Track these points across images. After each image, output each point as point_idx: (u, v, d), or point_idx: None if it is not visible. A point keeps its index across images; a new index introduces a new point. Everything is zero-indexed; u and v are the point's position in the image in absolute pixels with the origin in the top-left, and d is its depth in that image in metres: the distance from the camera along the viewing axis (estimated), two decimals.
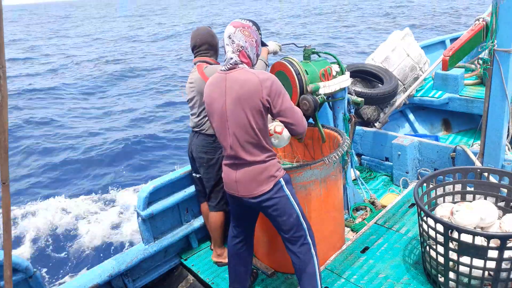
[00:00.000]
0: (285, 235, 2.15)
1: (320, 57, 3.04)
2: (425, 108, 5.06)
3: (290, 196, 2.10)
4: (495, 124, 2.93)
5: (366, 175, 4.05)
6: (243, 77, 1.94)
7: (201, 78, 2.63)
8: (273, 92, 1.93)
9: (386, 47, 4.65)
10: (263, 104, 1.93)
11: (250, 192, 2.07)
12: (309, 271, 2.16)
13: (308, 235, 2.16)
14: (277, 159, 2.13)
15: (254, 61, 2.08)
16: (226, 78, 2.00)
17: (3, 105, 1.29)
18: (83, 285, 2.59)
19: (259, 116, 1.96)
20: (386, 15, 27.92)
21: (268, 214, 2.14)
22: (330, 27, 24.77)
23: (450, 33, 7.25)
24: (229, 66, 2.00)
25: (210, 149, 2.73)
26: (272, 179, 2.05)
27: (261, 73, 1.95)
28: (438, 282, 2.24)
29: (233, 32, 1.99)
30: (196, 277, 2.94)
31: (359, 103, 3.24)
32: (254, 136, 1.99)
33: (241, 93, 1.93)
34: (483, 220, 2.20)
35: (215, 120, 2.09)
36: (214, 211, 2.86)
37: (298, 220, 2.13)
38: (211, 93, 2.07)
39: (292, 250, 2.16)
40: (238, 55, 1.99)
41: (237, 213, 2.33)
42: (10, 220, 1.42)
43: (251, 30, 2.02)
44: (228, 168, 2.14)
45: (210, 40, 2.75)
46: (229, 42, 1.99)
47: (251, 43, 2.01)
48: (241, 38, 1.98)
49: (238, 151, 2.03)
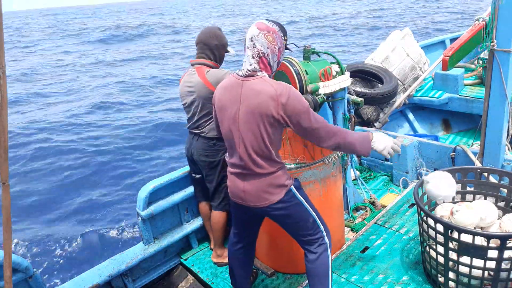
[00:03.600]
0: (303, 238, 2.10)
1: (320, 57, 3.04)
2: (425, 108, 5.06)
3: (303, 201, 2.05)
4: (495, 124, 2.93)
5: (366, 175, 4.05)
6: (260, 88, 1.82)
7: (203, 83, 2.58)
8: (289, 110, 1.80)
9: (386, 47, 4.65)
10: (277, 119, 1.82)
11: (260, 202, 2.00)
12: (323, 270, 2.11)
13: (325, 236, 2.12)
14: (285, 168, 2.06)
15: (274, 69, 1.94)
16: (243, 85, 1.88)
17: (3, 105, 1.29)
18: (83, 285, 2.59)
19: (273, 130, 1.87)
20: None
21: (281, 222, 2.10)
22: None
23: (450, 33, 7.25)
24: (247, 72, 1.88)
25: (212, 152, 2.71)
26: (283, 188, 1.98)
27: (280, 86, 1.82)
28: (438, 282, 2.24)
29: (256, 35, 1.84)
30: (196, 277, 2.94)
31: (359, 103, 3.24)
32: (264, 149, 1.91)
33: (256, 104, 1.82)
34: (483, 220, 2.20)
35: (224, 126, 1.99)
36: (217, 211, 2.85)
37: (315, 223, 2.08)
38: (223, 98, 1.96)
39: (309, 250, 2.11)
40: (258, 62, 1.86)
41: (241, 221, 2.27)
42: (10, 220, 1.42)
43: (276, 35, 1.87)
44: (235, 177, 2.05)
45: (211, 41, 2.68)
46: (250, 45, 1.86)
47: (273, 50, 1.87)
48: (264, 43, 1.84)
49: (247, 162, 1.95)
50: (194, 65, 2.70)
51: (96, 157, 8.44)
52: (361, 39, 19.65)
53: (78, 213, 6.27)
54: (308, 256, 2.12)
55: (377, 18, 27.19)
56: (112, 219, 5.94)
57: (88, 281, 2.63)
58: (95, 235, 5.55)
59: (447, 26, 19.85)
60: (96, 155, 8.49)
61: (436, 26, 20.09)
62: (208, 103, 2.62)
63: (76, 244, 5.44)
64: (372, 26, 23.32)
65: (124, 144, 8.88)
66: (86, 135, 9.90)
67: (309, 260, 2.11)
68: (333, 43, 19.22)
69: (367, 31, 21.94)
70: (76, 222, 6.03)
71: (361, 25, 24.11)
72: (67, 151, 8.90)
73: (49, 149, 9.10)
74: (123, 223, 5.78)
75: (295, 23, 29.57)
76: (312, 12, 37.93)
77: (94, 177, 7.62)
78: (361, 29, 23.03)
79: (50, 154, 8.85)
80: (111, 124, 10.54)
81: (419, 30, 18.57)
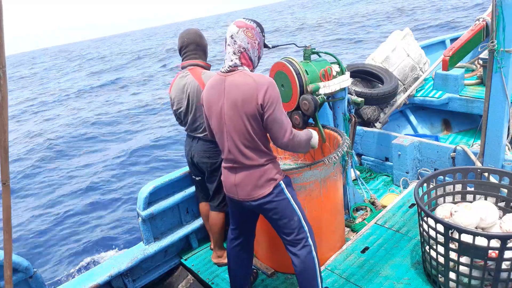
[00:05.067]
0: (287, 237, 2.13)
1: (320, 57, 3.04)
2: (425, 108, 5.06)
3: (290, 199, 2.08)
4: (495, 124, 2.93)
5: (366, 175, 4.05)
6: (241, 81, 1.90)
7: (199, 84, 2.56)
8: (266, 98, 1.87)
9: (386, 47, 4.65)
10: (257, 109, 1.89)
11: (249, 195, 2.05)
12: (310, 273, 2.15)
13: (309, 237, 2.14)
14: (277, 161, 2.10)
15: (255, 64, 2.03)
16: (225, 80, 1.96)
17: (3, 105, 1.29)
18: (83, 285, 2.59)
19: (256, 122, 1.92)
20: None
21: (269, 218, 2.13)
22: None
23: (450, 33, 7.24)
24: (229, 68, 1.96)
25: (213, 154, 2.70)
26: (272, 182, 2.02)
27: (260, 78, 1.90)
28: (438, 282, 2.24)
29: (235, 32, 1.93)
30: (196, 277, 2.94)
31: (359, 103, 3.24)
32: (251, 141, 1.96)
33: (238, 97, 1.90)
34: (483, 220, 2.20)
35: (213, 123, 2.06)
36: (216, 211, 2.85)
37: (300, 223, 2.11)
38: (209, 96, 2.04)
39: (293, 252, 2.15)
40: (239, 57, 1.95)
41: (237, 216, 2.31)
42: (10, 220, 1.42)
43: (254, 31, 1.97)
44: (227, 171, 2.11)
45: (198, 40, 2.66)
46: (231, 43, 1.94)
47: (253, 45, 1.96)
48: (244, 39, 1.93)
49: (236, 155, 2.00)
50: (187, 67, 2.66)
51: (96, 157, 8.44)
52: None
53: (78, 213, 6.28)
54: (293, 261, 2.15)
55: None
56: (112, 219, 5.95)
57: (88, 281, 2.63)
58: (95, 235, 5.56)
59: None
60: (96, 155, 8.49)
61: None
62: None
63: (76, 244, 5.44)
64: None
65: (125, 144, 8.89)
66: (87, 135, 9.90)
67: (295, 264, 2.15)
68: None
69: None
70: (76, 222, 6.03)
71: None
72: (67, 151, 8.90)
73: (49, 149, 9.10)
74: (123, 223, 5.78)
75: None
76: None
77: (94, 177, 7.62)
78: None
79: (50, 154, 8.85)
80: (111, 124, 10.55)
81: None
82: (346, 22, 29.01)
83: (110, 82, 19.87)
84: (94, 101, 15.21)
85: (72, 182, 7.50)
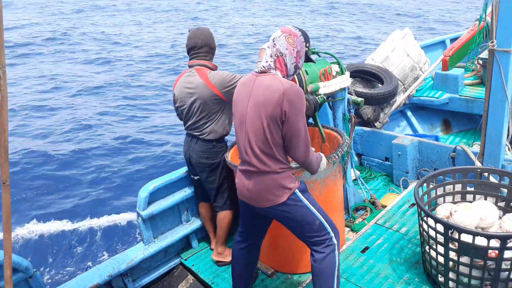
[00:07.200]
0: (310, 239, 2.10)
1: (320, 57, 3.04)
2: (425, 108, 5.06)
3: (308, 204, 2.05)
4: (495, 124, 2.93)
5: (366, 175, 4.05)
6: (269, 83, 1.88)
7: (205, 84, 2.55)
8: (291, 106, 1.84)
9: (386, 47, 4.65)
10: (279, 115, 1.85)
11: (262, 202, 2.02)
12: (329, 272, 2.09)
13: (333, 237, 2.10)
14: (291, 171, 2.05)
15: (290, 71, 1.98)
16: (255, 80, 1.95)
17: (3, 105, 1.29)
18: (83, 285, 2.59)
19: (275, 127, 1.89)
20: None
21: (287, 224, 2.11)
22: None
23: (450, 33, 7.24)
24: (262, 69, 1.95)
25: (211, 154, 2.70)
26: (286, 191, 1.99)
27: (289, 84, 1.87)
28: (438, 282, 2.24)
29: (277, 36, 1.93)
30: (196, 277, 2.94)
31: (359, 103, 3.24)
32: (266, 145, 1.93)
33: (262, 98, 1.88)
34: (483, 220, 2.20)
35: (235, 121, 2.06)
36: (223, 211, 2.85)
37: (322, 226, 2.08)
38: (238, 93, 2.04)
39: (316, 250, 2.09)
40: (274, 60, 1.93)
41: (247, 220, 2.27)
42: (10, 220, 1.42)
43: (297, 39, 1.95)
44: (242, 174, 2.09)
45: (211, 42, 2.67)
46: (271, 45, 1.94)
47: (291, 52, 1.93)
48: (283, 44, 1.91)
49: (251, 157, 1.98)
50: (193, 66, 2.66)
51: (96, 157, 8.44)
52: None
53: (79, 213, 6.27)
54: (315, 256, 2.10)
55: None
56: (112, 219, 5.94)
57: (88, 281, 2.63)
58: (95, 235, 5.55)
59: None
60: (96, 155, 8.49)
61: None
62: (208, 105, 2.61)
63: (76, 244, 5.44)
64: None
65: (125, 144, 8.88)
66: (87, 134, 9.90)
67: (315, 260, 2.09)
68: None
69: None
70: (76, 222, 6.02)
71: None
72: (67, 151, 8.90)
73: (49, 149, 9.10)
74: (123, 223, 5.78)
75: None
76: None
77: (94, 177, 7.62)
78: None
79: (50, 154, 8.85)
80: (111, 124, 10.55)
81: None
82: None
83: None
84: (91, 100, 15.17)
85: (72, 181, 7.49)
